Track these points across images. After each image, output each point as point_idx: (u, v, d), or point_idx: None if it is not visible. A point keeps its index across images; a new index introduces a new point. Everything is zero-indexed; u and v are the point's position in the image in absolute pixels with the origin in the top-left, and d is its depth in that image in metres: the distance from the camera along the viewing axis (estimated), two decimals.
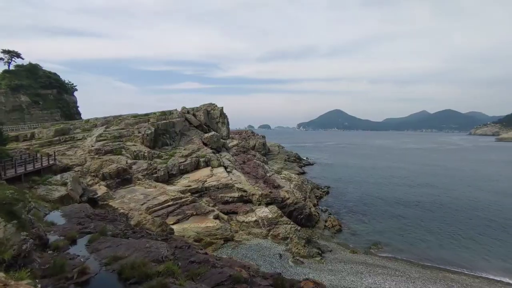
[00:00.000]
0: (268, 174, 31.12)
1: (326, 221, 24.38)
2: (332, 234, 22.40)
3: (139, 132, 30.39)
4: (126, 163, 24.11)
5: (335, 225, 23.44)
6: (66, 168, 20.62)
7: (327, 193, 36.05)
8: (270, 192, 24.05)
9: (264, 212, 20.61)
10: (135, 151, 26.83)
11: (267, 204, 22.43)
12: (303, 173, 50.53)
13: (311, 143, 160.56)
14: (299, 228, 19.71)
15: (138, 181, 22.11)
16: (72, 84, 57.75)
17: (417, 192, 37.90)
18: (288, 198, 24.06)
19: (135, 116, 36.88)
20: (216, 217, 18.89)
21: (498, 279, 16.24)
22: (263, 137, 64.13)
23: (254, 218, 20.03)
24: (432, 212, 28.92)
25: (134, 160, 25.40)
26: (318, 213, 26.59)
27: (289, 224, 19.73)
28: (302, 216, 23.32)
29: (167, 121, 34.40)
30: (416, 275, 15.74)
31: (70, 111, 51.37)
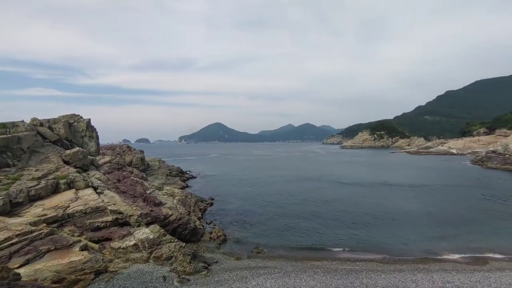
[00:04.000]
0: (148, 191, 28.81)
1: (211, 233, 24.49)
2: (217, 245, 22.66)
3: None
4: None
5: (220, 236, 23.85)
6: None
7: (211, 204, 36.46)
8: (151, 211, 22.29)
9: (144, 233, 18.83)
10: None
11: (147, 224, 20.62)
12: (187, 186, 49.46)
13: (193, 156, 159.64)
14: (184, 244, 18.97)
15: None
16: None
17: (289, 193, 43.41)
18: (171, 215, 22.91)
19: None
20: (84, 248, 15.94)
21: (347, 258, 20.32)
22: (141, 151, 59.28)
23: (132, 242, 17.98)
24: (301, 208, 33.63)
25: None
26: (203, 226, 26.50)
27: (173, 242, 18.74)
28: (186, 232, 22.64)
29: (9, 135, 26.95)
30: (291, 268, 17.81)
31: None
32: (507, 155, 72.20)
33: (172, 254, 17.45)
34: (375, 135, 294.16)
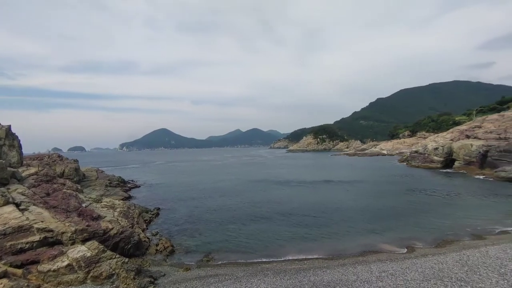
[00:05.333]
0: (84, 205, 26.17)
1: (157, 245, 23.22)
2: (164, 257, 21.59)
3: None
4: None
5: (167, 247, 22.74)
6: None
7: (157, 214, 34.62)
8: (88, 226, 20.27)
9: (80, 251, 17.02)
10: None
11: (84, 241, 18.69)
12: (129, 197, 46.23)
13: (137, 164, 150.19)
14: (127, 260, 17.64)
15: None
16: None
17: (238, 197, 43.51)
18: (112, 229, 21.15)
19: None
20: (3, 275, 13.77)
21: (295, 258, 21.07)
22: (76, 161, 53.64)
23: (65, 262, 16.10)
24: (251, 212, 34.01)
25: None
26: (149, 238, 25.03)
27: (115, 258, 17.30)
28: (130, 246, 21.11)
29: None
30: (241, 273, 17.81)
31: None
32: (426, 154, 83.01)
33: (113, 272, 16.10)
34: (318, 139, 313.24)
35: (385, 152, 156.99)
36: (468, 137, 76.47)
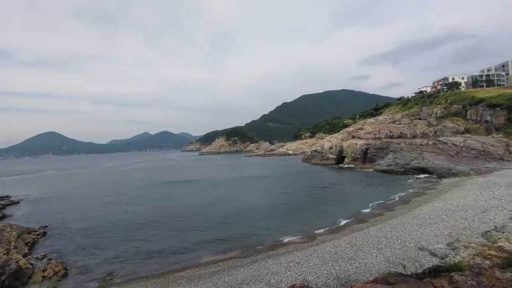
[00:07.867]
0: None
1: (44, 270, 19.57)
2: (55, 283, 18.39)
3: None
4: None
5: (58, 271, 19.38)
6: None
7: (44, 234, 29.15)
8: None
9: None
10: None
11: None
12: (3, 217, 37.58)
13: (15, 175, 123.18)
14: None
15: None
16: None
17: (143, 204, 40.91)
18: None
19: None
20: None
21: (209, 261, 20.97)
22: None
23: None
24: (158, 219, 32.27)
25: None
26: (32, 264, 20.88)
27: None
28: (5, 277, 17.15)
29: None
30: (152, 287, 16.68)
31: None
32: (323, 153, 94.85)
33: None
34: (230, 141, 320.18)
35: (290, 152, 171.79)
36: (354, 137, 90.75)
